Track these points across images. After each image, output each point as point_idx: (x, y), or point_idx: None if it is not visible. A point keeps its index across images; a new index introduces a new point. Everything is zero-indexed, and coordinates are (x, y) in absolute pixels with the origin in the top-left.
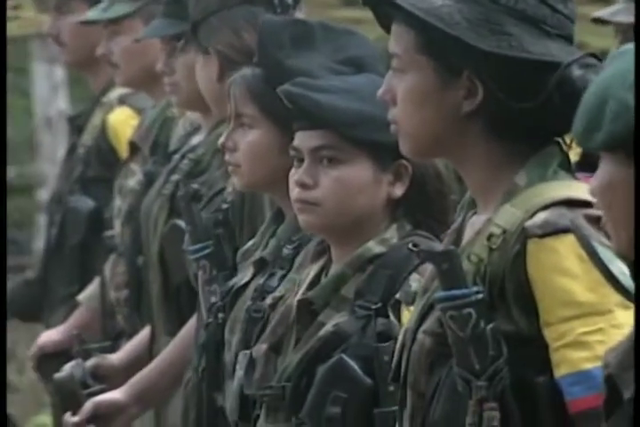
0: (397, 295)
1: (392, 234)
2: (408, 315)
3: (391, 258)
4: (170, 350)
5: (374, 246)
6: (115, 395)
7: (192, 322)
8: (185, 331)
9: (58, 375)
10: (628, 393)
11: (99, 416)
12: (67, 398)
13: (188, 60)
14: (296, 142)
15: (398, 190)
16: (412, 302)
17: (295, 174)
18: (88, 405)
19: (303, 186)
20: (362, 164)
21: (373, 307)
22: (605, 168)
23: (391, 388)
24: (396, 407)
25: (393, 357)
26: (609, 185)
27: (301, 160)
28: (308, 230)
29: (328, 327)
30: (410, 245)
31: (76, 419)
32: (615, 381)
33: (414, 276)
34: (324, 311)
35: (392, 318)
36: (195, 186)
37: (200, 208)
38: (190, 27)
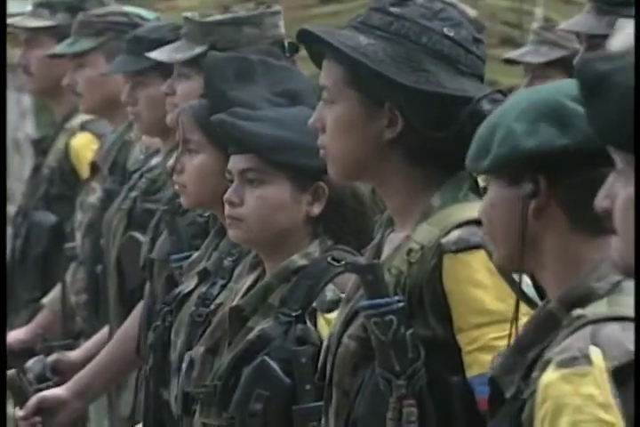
0: (314, 304)
1: (315, 248)
2: (323, 321)
3: (312, 270)
4: (108, 350)
5: (298, 259)
6: (58, 391)
7: (128, 323)
8: (122, 331)
9: (7, 373)
10: (508, 393)
11: (43, 410)
12: (16, 393)
13: (149, 92)
14: (229, 165)
15: (316, 209)
16: (326, 310)
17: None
18: (33, 399)
19: (231, 204)
20: (282, 185)
21: (294, 314)
22: (490, 190)
23: (308, 387)
24: (312, 404)
25: (310, 359)
26: (490, 204)
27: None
28: (237, 243)
29: (255, 332)
30: (329, 259)
31: (22, 413)
32: (498, 382)
33: (330, 286)
34: (253, 318)
35: (309, 324)
36: (179, 201)
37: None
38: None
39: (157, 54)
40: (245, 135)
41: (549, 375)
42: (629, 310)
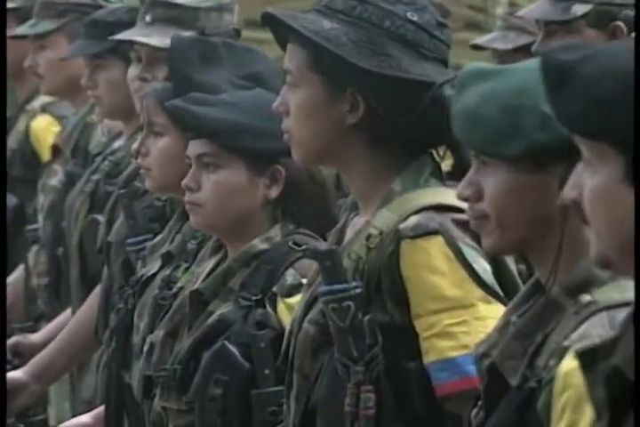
0: (274, 288)
1: (276, 232)
2: (283, 306)
3: (272, 254)
4: (66, 332)
5: (259, 244)
6: (16, 374)
7: (87, 305)
8: (80, 313)
9: None
10: (513, 381)
11: None
12: None
13: (109, 75)
14: (187, 150)
15: (274, 192)
16: (286, 295)
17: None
18: None
19: (189, 189)
20: (238, 169)
21: (254, 298)
22: (500, 175)
23: (267, 371)
24: (271, 389)
25: (269, 343)
26: (509, 190)
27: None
28: (198, 229)
29: (215, 316)
30: (290, 243)
31: None
32: (498, 369)
33: (290, 271)
34: (214, 302)
35: (269, 308)
36: (137, 184)
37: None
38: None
39: (145, 39)
40: (199, 120)
41: (570, 363)
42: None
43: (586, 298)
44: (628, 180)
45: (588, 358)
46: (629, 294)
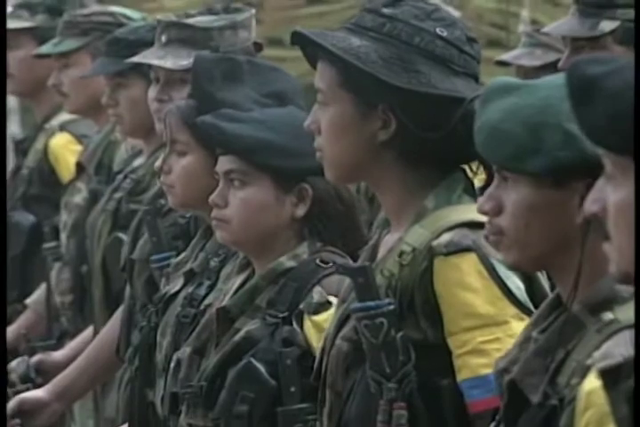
0: (301, 306)
1: (303, 250)
2: (309, 323)
3: (299, 272)
4: (89, 352)
5: (286, 261)
6: (38, 393)
7: (110, 325)
8: (104, 333)
9: None
10: (534, 398)
11: (23, 412)
12: None
13: (129, 93)
14: (216, 166)
15: (300, 210)
16: (313, 312)
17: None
18: (13, 402)
19: (216, 205)
20: (265, 186)
21: (280, 315)
22: (521, 191)
23: (293, 389)
24: (297, 406)
25: (295, 361)
26: (530, 207)
27: None
28: (224, 244)
29: (241, 333)
30: (317, 261)
31: None
32: (518, 386)
33: (317, 288)
34: (241, 319)
35: (295, 326)
36: (162, 201)
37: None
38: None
39: (158, 62)
40: (227, 137)
41: (592, 382)
42: None
43: (608, 316)
44: None
45: (611, 377)
46: None
